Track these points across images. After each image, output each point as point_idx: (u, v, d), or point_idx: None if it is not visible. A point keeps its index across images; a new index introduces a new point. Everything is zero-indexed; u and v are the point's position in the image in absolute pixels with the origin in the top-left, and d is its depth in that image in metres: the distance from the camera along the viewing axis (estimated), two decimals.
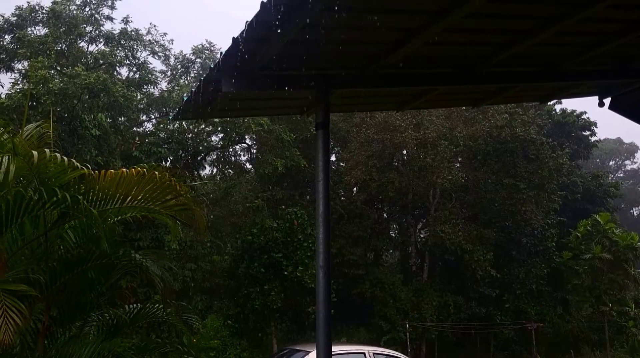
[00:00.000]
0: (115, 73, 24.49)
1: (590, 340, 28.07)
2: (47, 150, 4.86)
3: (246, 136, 26.02)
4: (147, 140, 22.41)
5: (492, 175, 27.18)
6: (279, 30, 3.47)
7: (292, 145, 24.11)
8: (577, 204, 32.37)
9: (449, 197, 27.18)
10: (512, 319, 26.89)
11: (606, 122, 46.24)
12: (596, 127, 35.28)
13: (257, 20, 3.37)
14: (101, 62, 24.14)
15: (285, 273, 21.69)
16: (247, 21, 3.46)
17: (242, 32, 3.56)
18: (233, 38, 3.68)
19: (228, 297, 23.63)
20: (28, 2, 23.79)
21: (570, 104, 35.74)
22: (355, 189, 28.14)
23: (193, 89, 4.67)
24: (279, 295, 21.76)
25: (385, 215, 30.81)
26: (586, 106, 50.33)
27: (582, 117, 34.92)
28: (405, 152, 27.26)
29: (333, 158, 28.71)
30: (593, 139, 35.89)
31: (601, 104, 6.08)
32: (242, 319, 22.30)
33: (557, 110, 34.52)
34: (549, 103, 29.38)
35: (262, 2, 3.24)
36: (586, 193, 33.26)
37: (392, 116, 23.71)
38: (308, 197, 26.37)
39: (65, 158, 4.89)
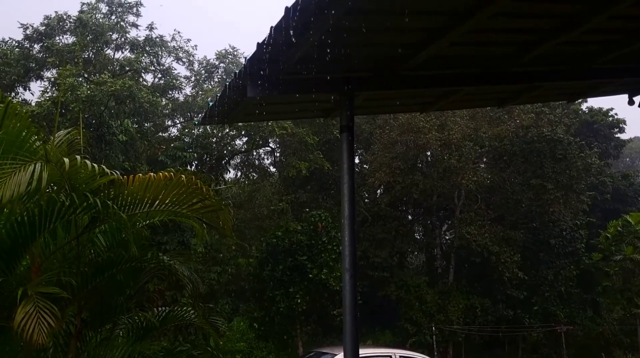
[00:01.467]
0: (140, 79, 24.86)
1: (622, 343, 27.46)
2: (78, 157, 4.97)
3: (270, 140, 26.17)
4: (172, 145, 22.71)
5: (519, 176, 26.79)
6: (302, 35, 3.49)
7: (315, 148, 24.15)
8: (607, 205, 31.71)
9: (474, 198, 26.87)
10: (541, 322, 26.43)
11: (637, 120, 45.19)
12: (625, 125, 34.57)
13: (281, 24, 3.40)
14: (127, 68, 24.54)
15: (310, 275, 21.71)
16: (271, 26, 3.50)
17: (267, 37, 3.59)
18: (258, 43, 3.72)
19: (253, 300, 23.75)
20: (56, 12, 24.33)
21: (597, 102, 35.06)
22: (379, 191, 28.05)
23: (218, 95, 4.71)
24: (304, 298, 21.78)
25: (409, 217, 30.62)
26: (615, 104, 49.26)
27: (611, 114, 34.21)
28: (429, 153, 27.05)
29: (357, 160, 28.63)
30: (622, 136, 35.18)
31: (631, 103, 5.96)
32: (268, 322, 22.39)
33: (584, 109, 33.90)
34: (575, 102, 28.86)
35: (286, 7, 3.27)
36: (616, 193, 32.55)
37: (416, 118, 23.57)
38: (332, 200, 26.35)
39: (95, 164, 4.99)
